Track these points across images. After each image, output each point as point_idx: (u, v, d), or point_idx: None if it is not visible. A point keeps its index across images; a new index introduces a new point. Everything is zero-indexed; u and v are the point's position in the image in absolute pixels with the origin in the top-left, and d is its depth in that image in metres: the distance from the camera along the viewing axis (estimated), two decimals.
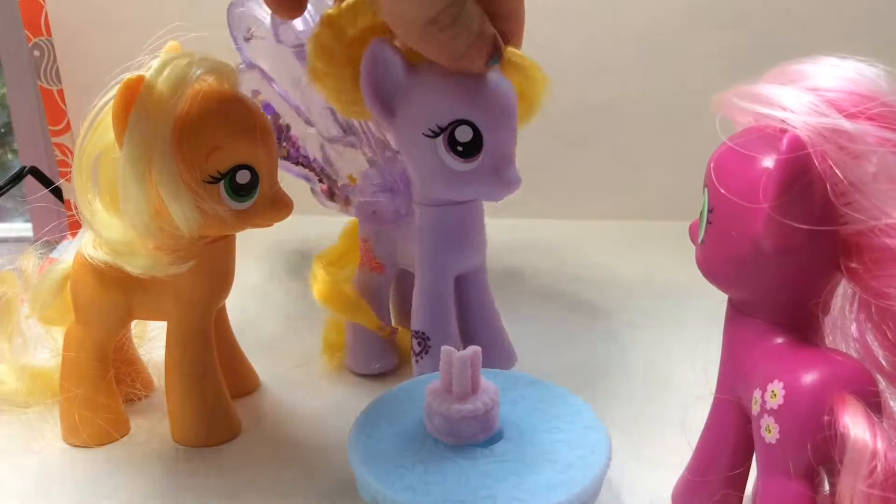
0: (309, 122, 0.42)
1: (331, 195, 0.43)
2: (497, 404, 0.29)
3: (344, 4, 0.34)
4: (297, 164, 0.43)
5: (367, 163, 0.42)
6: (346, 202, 0.43)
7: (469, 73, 0.34)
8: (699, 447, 0.32)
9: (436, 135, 0.34)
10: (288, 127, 0.43)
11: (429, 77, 0.34)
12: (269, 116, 0.43)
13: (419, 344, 0.40)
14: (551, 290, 0.57)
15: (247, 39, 0.42)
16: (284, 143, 0.43)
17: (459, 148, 0.34)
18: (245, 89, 0.42)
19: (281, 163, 0.43)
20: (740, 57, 0.64)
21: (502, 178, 0.35)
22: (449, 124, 0.34)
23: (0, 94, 0.87)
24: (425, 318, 0.39)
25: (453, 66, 0.33)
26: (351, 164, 0.42)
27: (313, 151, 0.43)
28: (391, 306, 0.47)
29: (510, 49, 0.35)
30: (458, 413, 0.28)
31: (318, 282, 0.43)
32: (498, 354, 0.42)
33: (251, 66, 0.42)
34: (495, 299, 0.43)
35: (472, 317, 0.42)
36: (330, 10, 0.34)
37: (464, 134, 0.34)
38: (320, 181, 0.43)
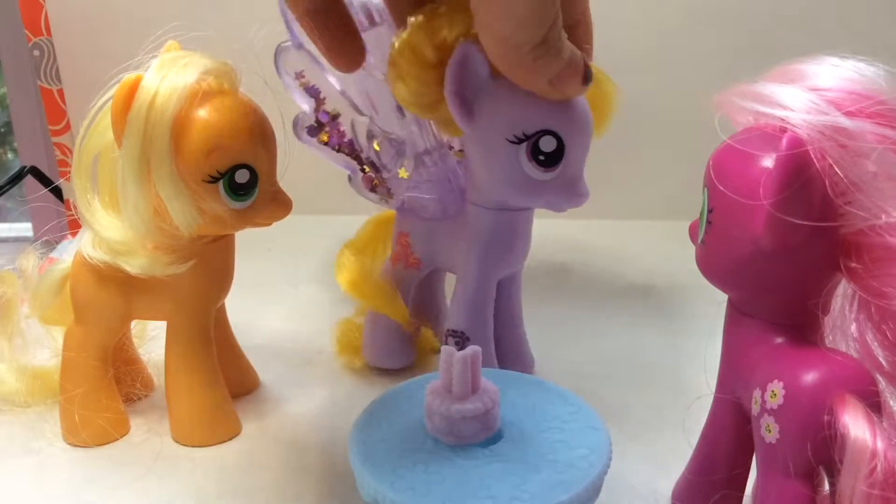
0: (358, 110, 0.42)
1: (372, 186, 0.43)
2: (497, 404, 0.29)
3: (441, 9, 0.34)
4: (338, 150, 0.43)
5: (419, 157, 0.42)
6: (389, 194, 0.42)
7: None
8: (699, 447, 0.32)
9: (520, 141, 0.34)
10: (336, 115, 0.43)
11: (517, 85, 0.34)
12: (312, 100, 0.42)
13: (457, 343, 0.40)
14: (551, 289, 0.57)
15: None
16: (327, 129, 0.42)
17: (541, 157, 0.34)
18: (289, 69, 0.42)
19: (321, 148, 0.43)
20: (740, 57, 0.64)
21: (574, 190, 0.35)
22: (535, 133, 0.34)
23: (0, 93, 0.87)
24: (467, 318, 0.40)
25: (553, 92, 0.32)
26: (401, 157, 0.42)
27: (361, 140, 0.43)
28: (411, 303, 0.47)
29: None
30: (458, 413, 0.28)
31: (347, 270, 0.43)
32: (518, 363, 0.42)
33: (300, 46, 0.41)
34: None
35: (501, 320, 0.42)
36: (420, 15, 0.34)
37: (548, 144, 0.34)
38: (363, 171, 0.43)
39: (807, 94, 0.25)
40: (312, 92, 0.42)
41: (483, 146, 0.36)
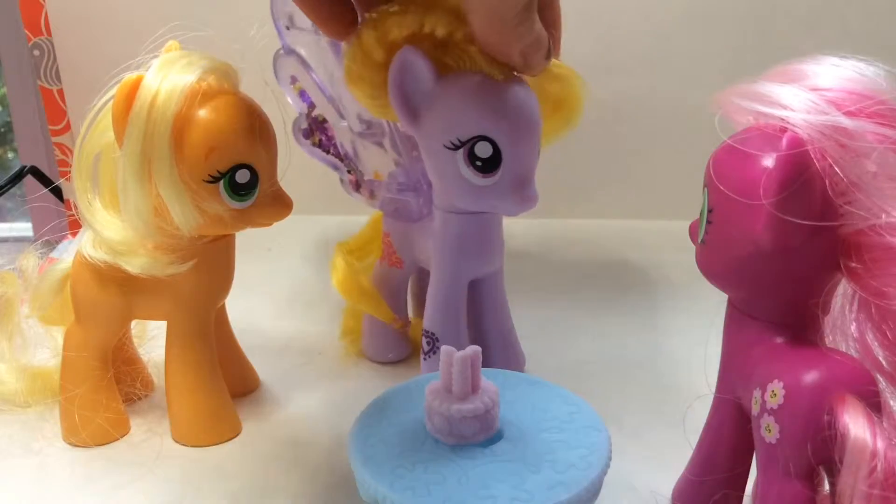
0: (341, 115, 0.43)
1: (357, 187, 0.44)
2: (497, 404, 0.29)
3: (392, 8, 0.34)
4: (327, 152, 0.44)
5: (392, 160, 0.42)
6: (371, 195, 0.44)
7: (494, 88, 0.34)
8: (699, 447, 0.32)
9: (456, 148, 0.34)
10: (324, 119, 0.43)
11: (455, 89, 0.34)
12: (305, 105, 0.43)
13: (428, 343, 0.40)
14: (551, 289, 0.57)
15: (287, 28, 0.42)
16: (317, 133, 0.43)
17: (478, 163, 0.34)
18: (283, 74, 0.43)
19: (313, 150, 0.44)
20: (740, 57, 0.64)
21: (519, 195, 0.35)
22: (469, 139, 0.34)
23: (0, 93, 0.87)
24: (436, 319, 0.40)
25: (522, 65, 0.33)
26: (377, 160, 0.43)
27: (344, 143, 0.43)
28: (409, 298, 0.48)
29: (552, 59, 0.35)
30: (458, 413, 0.28)
31: (337, 270, 0.44)
32: (507, 359, 0.42)
33: (290, 51, 0.42)
34: None
35: (485, 320, 0.42)
36: (374, 14, 0.34)
37: (483, 149, 0.34)
38: (349, 172, 0.44)
39: (807, 93, 0.25)
40: (304, 97, 0.43)
41: (428, 151, 0.36)
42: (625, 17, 0.67)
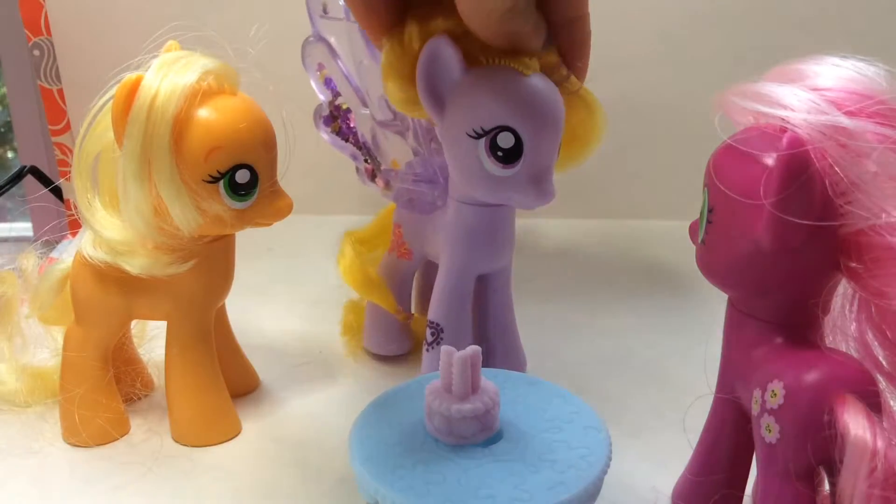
0: (364, 103, 0.43)
1: (373, 176, 0.44)
2: (497, 404, 0.29)
3: (439, 5, 0.34)
4: (346, 140, 0.45)
5: (411, 151, 0.42)
6: (387, 186, 0.44)
7: (522, 82, 0.34)
8: (699, 447, 0.32)
9: (479, 136, 0.34)
10: (348, 109, 0.44)
11: (482, 80, 0.34)
12: (329, 92, 0.44)
13: (432, 334, 0.40)
14: (551, 289, 0.57)
15: (321, 16, 0.43)
16: (339, 121, 0.44)
17: (500, 153, 0.34)
18: (311, 61, 0.43)
19: (331, 139, 0.45)
20: (740, 57, 0.64)
21: (538, 189, 0.35)
22: (492, 129, 0.34)
23: (0, 93, 0.87)
24: (442, 310, 0.40)
25: (517, 46, 0.34)
26: (396, 149, 0.43)
27: (364, 132, 0.44)
28: (413, 293, 0.48)
29: (582, 86, 0.36)
30: (458, 413, 0.28)
31: (344, 258, 0.44)
32: (508, 357, 0.42)
33: (320, 38, 0.43)
34: None
35: (489, 316, 0.42)
36: (422, 8, 0.34)
37: (506, 140, 0.34)
38: (366, 161, 0.44)
39: (807, 93, 0.25)
40: (329, 85, 0.43)
41: (449, 140, 0.36)
42: (626, 17, 0.67)
